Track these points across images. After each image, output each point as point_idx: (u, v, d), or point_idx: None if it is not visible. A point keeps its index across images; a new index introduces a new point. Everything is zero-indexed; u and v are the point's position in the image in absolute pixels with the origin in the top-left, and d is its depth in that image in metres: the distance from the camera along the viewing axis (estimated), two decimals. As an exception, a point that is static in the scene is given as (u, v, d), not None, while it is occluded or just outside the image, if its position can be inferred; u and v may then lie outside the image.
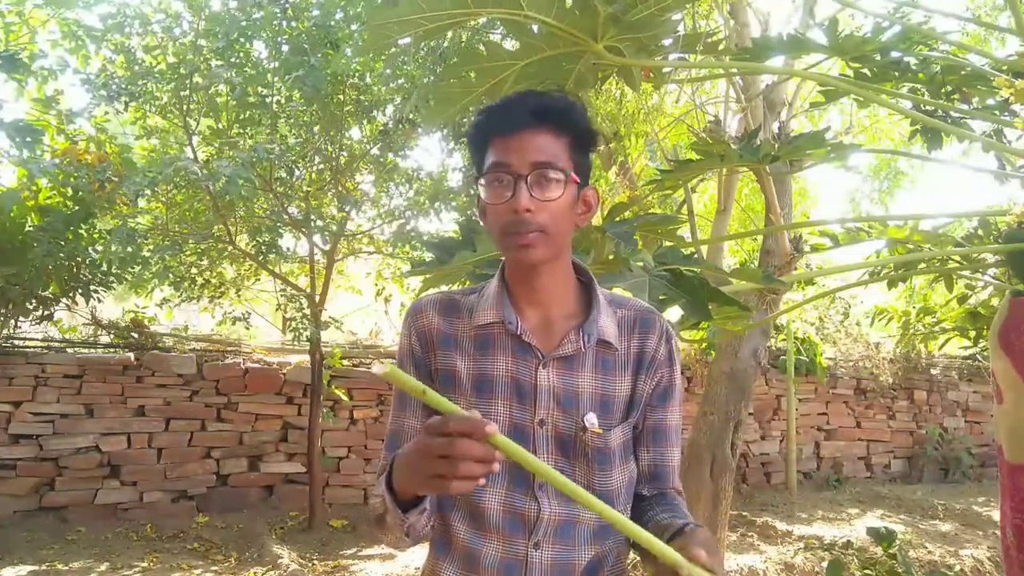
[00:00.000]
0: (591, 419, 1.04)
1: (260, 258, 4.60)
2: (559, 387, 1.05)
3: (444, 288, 1.66)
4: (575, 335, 1.05)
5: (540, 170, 0.99)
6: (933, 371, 6.86)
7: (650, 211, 3.96)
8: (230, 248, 4.56)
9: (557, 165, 1.01)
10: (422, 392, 0.78)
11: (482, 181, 1.03)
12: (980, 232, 2.58)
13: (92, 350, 4.75)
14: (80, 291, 4.28)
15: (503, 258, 1.13)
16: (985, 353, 5.95)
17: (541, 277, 1.06)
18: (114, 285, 4.50)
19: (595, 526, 1.06)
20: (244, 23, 3.89)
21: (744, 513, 5.05)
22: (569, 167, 1.02)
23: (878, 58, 2.03)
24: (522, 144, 1.00)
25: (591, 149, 1.08)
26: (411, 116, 4.21)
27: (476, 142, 1.06)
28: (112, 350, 4.76)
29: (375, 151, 4.53)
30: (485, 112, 1.05)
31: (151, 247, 4.29)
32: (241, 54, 3.98)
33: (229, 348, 5.16)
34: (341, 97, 4.17)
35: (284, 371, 4.90)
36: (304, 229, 4.50)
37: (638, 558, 1.13)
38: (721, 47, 1.97)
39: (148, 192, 3.89)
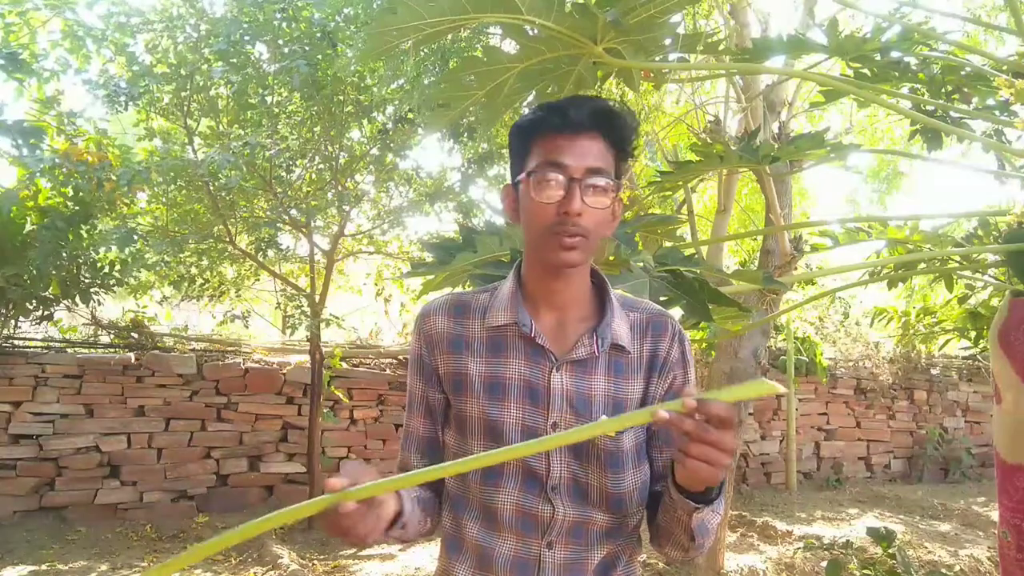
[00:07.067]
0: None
1: (259, 256, 4.60)
2: (572, 391, 1.04)
3: (456, 289, 1.66)
4: (589, 339, 1.05)
5: (594, 176, 0.99)
6: (933, 371, 6.86)
7: (650, 211, 3.96)
8: (230, 248, 4.56)
9: (609, 173, 1.01)
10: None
11: (529, 177, 1.02)
12: (980, 232, 2.57)
13: (92, 350, 4.75)
14: (80, 295, 4.28)
15: (519, 258, 1.13)
16: (985, 353, 5.95)
17: (564, 280, 1.06)
18: (115, 288, 4.51)
19: (606, 526, 1.06)
20: (246, 24, 3.90)
21: (744, 513, 5.06)
22: (613, 175, 1.03)
23: (878, 58, 2.03)
24: (579, 147, 1.00)
25: (630, 160, 1.07)
26: (411, 116, 4.21)
27: (524, 138, 1.04)
28: (112, 350, 4.76)
29: (375, 151, 4.54)
30: (541, 109, 1.04)
31: (151, 248, 4.29)
32: (241, 56, 3.99)
33: (229, 348, 5.16)
34: (341, 98, 4.17)
35: (284, 371, 4.90)
36: (304, 229, 4.50)
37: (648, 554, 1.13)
38: (721, 47, 1.97)
39: (144, 185, 3.90)
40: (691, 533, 0.99)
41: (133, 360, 4.56)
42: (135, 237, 3.95)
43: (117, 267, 4.32)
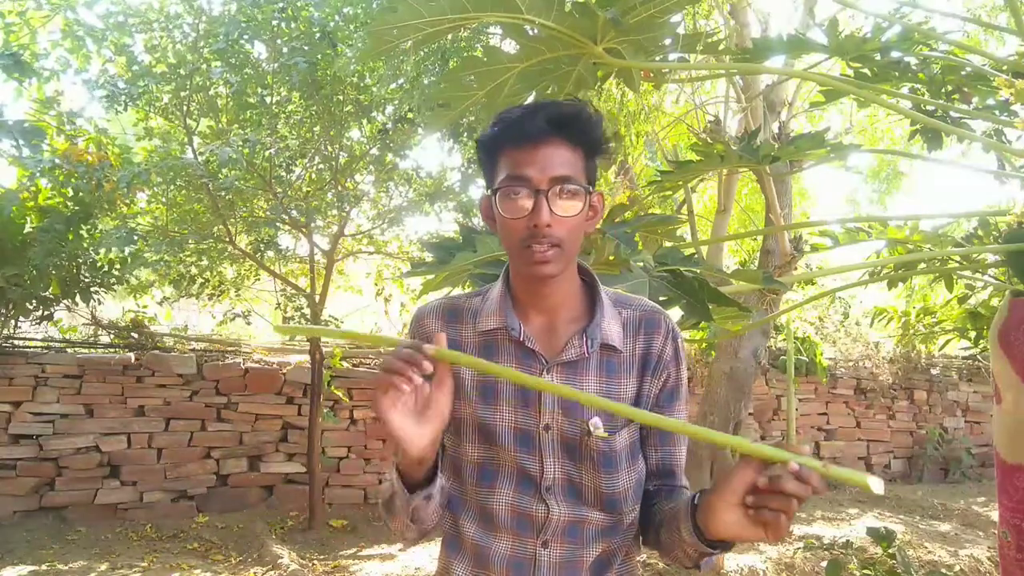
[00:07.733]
0: (595, 423, 1.04)
1: (258, 256, 4.60)
2: None
3: (454, 291, 1.66)
4: (578, 340, 1.05)
5: (560, 185, 0.98)
6: (933, 371, 6.86)
7: (650, 211, 3.96)
8: (230, 248, 4.56)
9: (576, 179, 0.99)
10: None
11: (497, 193, 1.01)
12: (980, 232, 2.57)
13: (92, 350, 4.75)
14: (80, 294, 4.28)
15: (507, 261, 1.12)
16: (985, 353, 5.95)
17: (548, 286, 1.06)
18: (115, 287, 4.51)
19: (602, 525, 1.06)
20: (244, 23, 3.90)
21: (744, 513, 5.05)
22: (583, 178, 1.01)
23: (878, 58, 2.03)
24: (540, 157, 0.98)
25: (602, 155, 1.06)
26: (411, 116, 4.21)
27: (489, 152, 1.04)
28: (112, 350, 4.76)
29: (375, 151, 4.54)
30: (499, 123, 1.03)
31: (151, 248, 4.29)
32: (240, 55, 3.98)
33: (229, 348, 5.17)
34: (341, 97, 4.17)
35: (284, 371, 4.90)
36: (304, 229, 4.50)
37: (654, 548, 1.13)
38: (721, 47, 1.97)
39: (142, 185, 3.90)
40: (696, 563, 1.00)
41: (133, 360, 4.56)
42: (135, 237, 3.95)
43: (117, 267, 4.33)
